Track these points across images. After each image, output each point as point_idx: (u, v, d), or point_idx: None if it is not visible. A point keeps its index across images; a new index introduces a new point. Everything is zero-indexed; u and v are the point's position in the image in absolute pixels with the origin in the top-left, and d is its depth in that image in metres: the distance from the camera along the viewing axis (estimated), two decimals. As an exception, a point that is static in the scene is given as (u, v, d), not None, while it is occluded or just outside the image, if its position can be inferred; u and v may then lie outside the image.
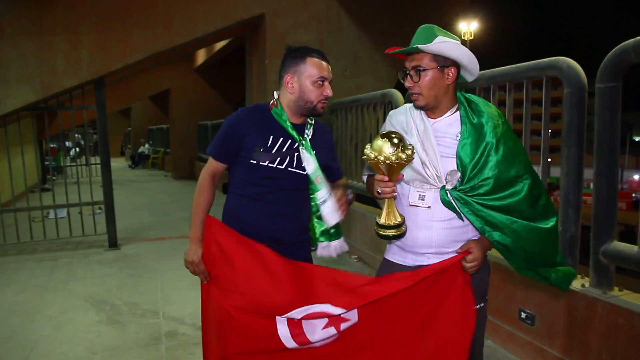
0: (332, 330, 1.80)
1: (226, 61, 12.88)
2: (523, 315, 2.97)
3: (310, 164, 1.95)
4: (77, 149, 13.36)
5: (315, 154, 1.98)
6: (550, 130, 3.02)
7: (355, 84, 6.93)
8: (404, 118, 1.83)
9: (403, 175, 1.72)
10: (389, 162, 1.55)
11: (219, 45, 11.14)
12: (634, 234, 2.91)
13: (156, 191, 12.18)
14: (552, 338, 2.79)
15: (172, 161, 15.74)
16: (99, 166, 6.20)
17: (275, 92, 2.03)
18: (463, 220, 1.75)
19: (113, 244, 6.00)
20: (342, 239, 2.05)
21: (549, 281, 1.80)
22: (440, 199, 1.72)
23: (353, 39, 7.04)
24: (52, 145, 15.33)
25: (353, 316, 1.80)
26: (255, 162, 1.94)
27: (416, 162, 1.70)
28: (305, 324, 1.80)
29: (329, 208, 1.95)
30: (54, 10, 5.38)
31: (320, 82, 1.91)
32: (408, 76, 1.73)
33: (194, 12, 5.97)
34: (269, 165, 1.93)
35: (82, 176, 7.45)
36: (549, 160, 2.93)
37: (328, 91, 1.93)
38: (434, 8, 7.95)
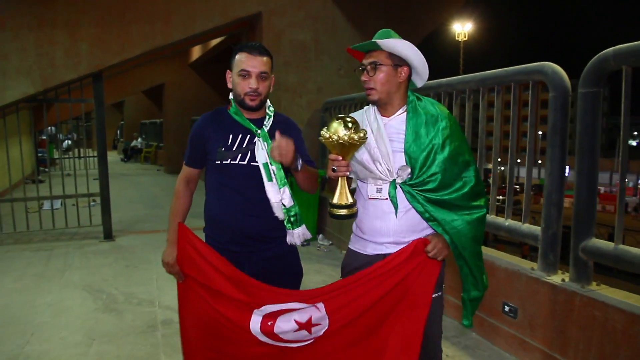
0: (304, 333, 1.89)
1: (221, 57, 12.89)
2: (506, 308, 3.09)
3: (260, 153, 1.95)
4: (70, 142, 13.30)
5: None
6: (540, 133, 3.14)
7: (349, 83, 7.01)
8: (361, 118, 1.95)
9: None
10: (342, 141, 1.67)
11: (215, 41, 11.15)
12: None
13: (149, 185, 12.21)
14: (533, 330, 2.90)
15: (165, 155, 15.71)
16: (91, 158, 6.23)
17: (230, 94, 2.06)
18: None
19: (108, 235, 6.06)
20: (303, 226, 2.05)
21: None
22: (388, 191, 1.86)
23: (348, 39, 7.11)
24: (42, 138, 15.20)
25: (324, 321, 1.89)
26: (219, 162, 1.99)
27: (368, 160, 1.84)
28: (276, 327, 1.90)
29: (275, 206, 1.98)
30: (55, 4, 5.43)
31: (244, 75, 1.93)
32: (365, 71, 1.86)
33: (193, 9, 6.03)
34: (232, 162, 1.97)
35: (72, 169, 7.48)
36: (539, 162, 3.05)
37: (252, 84, 1.92)
38: (428, 9, 8.03)
